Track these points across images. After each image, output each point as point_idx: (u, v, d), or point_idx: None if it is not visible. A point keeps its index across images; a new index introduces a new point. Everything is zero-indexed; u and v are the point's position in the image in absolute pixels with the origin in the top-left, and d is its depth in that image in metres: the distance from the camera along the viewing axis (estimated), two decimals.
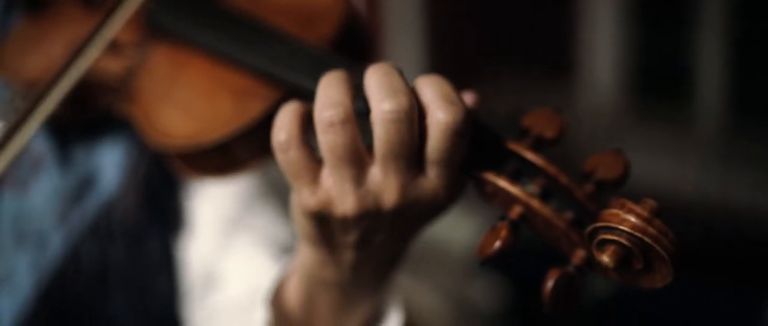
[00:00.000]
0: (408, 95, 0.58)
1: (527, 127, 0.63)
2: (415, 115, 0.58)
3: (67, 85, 0.79)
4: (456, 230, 2.71)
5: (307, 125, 0.62)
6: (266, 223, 0.95)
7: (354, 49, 0.82)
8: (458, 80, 0.62)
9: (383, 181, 0.60)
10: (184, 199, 0.98)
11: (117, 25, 0.83)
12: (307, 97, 0.71)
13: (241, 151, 0.77)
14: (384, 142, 0.58)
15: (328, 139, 0.59)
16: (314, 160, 0.62)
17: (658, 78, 5.07)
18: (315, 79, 0.67)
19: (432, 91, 0.58)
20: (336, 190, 0.61)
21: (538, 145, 0.62)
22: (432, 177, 0.60)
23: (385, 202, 0.60)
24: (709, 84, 4.30)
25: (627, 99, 5.20)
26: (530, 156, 0.60)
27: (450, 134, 0.57)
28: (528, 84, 5.54)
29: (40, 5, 1.05)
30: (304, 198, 0.62)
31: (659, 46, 4.97)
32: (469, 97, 0.64)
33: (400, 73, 0.60)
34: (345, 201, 0.61)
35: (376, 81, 0.59)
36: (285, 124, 0.62)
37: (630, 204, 0.53)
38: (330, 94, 0.60)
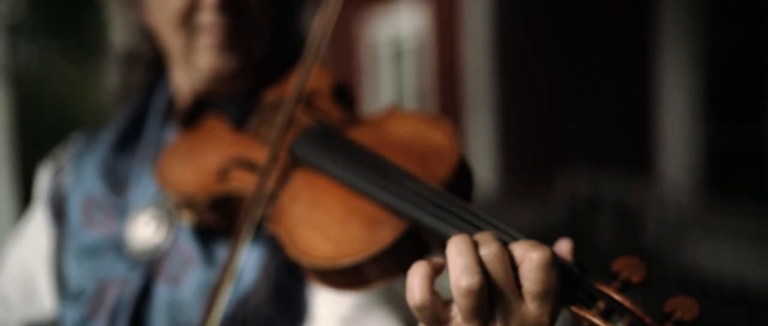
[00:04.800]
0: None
1: (617, 271, 0.74)
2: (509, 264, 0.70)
3: (258, 212, 0.97)
4: None
5: (436, 274, 0.73)
6: None
7: (463, 188, 0.91)
8: (533, 172, 0.73)
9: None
10: (309, 295, 1.10)
11: (276, 152, 0.99)
12: (426, 230, 0.83)
13: (370, 272, 0.88)
14: (495, 280, 0.70)
15: (465, 303, 0.70)
16: (443, 306, 0.73)
17: (734, 170, 5.04)
18: (435, 217, 0.81)
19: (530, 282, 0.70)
20: None
21: (626, 288, 0.72)
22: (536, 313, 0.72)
23: None
24: None
25: (703, 191, 5.17)
26: (619, 298, 0.71)
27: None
28: (603, 177, 5.57)
29: (191, 124, 1.22)
30: None
31: (734, 139, 4.97)
32: (565, 246, 0.76)
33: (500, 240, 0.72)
34: None
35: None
36: (418, 286, 0.71)
37: None
38: (465, 263, 0.70)
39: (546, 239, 0.75)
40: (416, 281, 0.72)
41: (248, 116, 1.15)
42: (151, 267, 1.16)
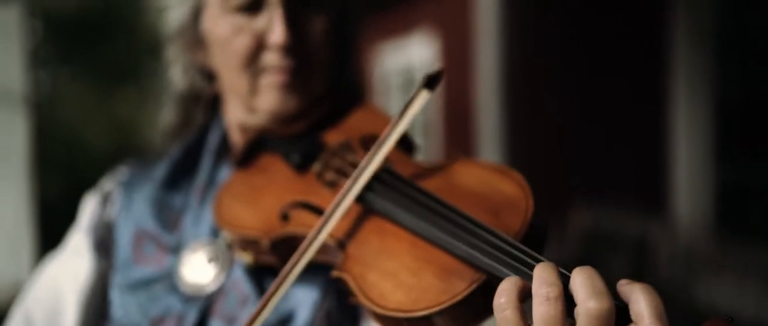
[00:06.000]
0: (609, 298, 0.71)
1: None
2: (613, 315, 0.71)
3: (314, 247, 0.96)
4: None
5: (524, 293, 0.75)
6: None
7: (537, 240, 0.89)
8: (544, 209, 0.75)
9: None
10: None
11: (347, 205, 0.98)
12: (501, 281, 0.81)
13: (441, 323, 0.86)
14: None
15: (542, 310, 0.72)
16: (526, 322, 0.74)
17: (747, 209, 5.04)
18: (513, 270, 0.80)
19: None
20: None
21: None
22: None
23: None
24: None
25: (717, 230, 5.17)
26: None
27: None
28: (615, 214, 5.58)
29: (248, 162, 1.23)
30: None
31: (748, 178, 4.99)
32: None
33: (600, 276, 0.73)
34: None
35: (581, 280, 0.73)
36: (506, 289, 0.75)
37: None
38: (546, 275, 0.73)
39: None
40: (507, 285, 0.76)
41: (311, 158, 1.15)
42: (206, 304, 1.17)
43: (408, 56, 8.76)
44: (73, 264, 1.30)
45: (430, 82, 1.04)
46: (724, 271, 4.96)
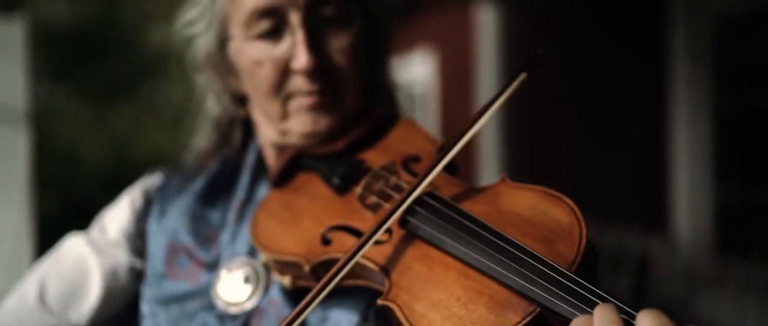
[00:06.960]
0: None
1: None
2: None
3: (346, 270, 0.94)
4: None
5: None
6: None
7: (590, 271, 0.87)
8: None
9: None
10: None
11: (386, 227, 0.95)
12: (556, 315, 0.80)
13: None
14: None
15: None
16: None
17: (750, 228, 5.05)
18: (568, 305, 0.78)
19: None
20: None
21: None
22: None
23: None
24: None
25: (719, 249, 5.17)
26: None
27: None
28: (617, 232, 5.58)
29: (284, 181, 1.21)
30: None
31: (749, 199, 5.00)
32: None
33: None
34: None
35: (649, 319, 0.73)
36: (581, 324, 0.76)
37: None
38: (607, 314, 0.74)
39: None
40: (581, 322, 0.77)
41: (352, 181, 1.12)
42: (243, 323, 1.15)
43: (409, 72, 8.79)
44: (108, 250, 1.27)
45: (531, 63, 1.01)
46: (724, 289, 4.96)
